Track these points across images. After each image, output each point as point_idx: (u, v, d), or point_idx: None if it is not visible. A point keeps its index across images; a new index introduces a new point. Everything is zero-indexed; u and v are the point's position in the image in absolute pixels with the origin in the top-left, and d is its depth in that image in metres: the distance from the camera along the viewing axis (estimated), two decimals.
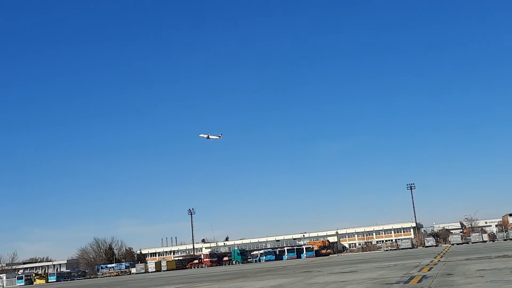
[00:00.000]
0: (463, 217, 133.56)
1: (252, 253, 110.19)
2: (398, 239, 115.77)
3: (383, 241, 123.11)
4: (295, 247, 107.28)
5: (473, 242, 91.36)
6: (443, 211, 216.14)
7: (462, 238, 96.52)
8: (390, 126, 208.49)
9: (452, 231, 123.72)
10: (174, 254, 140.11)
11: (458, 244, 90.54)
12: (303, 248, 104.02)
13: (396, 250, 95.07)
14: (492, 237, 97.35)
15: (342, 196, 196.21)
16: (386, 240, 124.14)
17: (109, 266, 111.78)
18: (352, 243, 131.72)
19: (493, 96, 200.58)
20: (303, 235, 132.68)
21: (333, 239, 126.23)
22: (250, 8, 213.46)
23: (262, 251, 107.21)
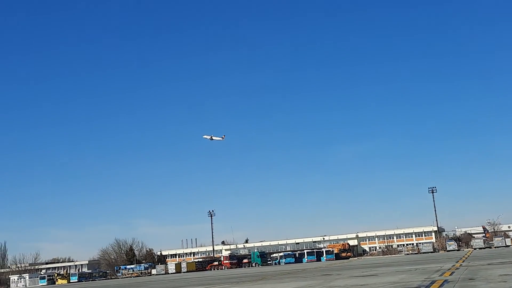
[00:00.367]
0: (486, 221, 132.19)
1: (271, 255, 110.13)
2: (419, 243, 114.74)
3: (404, 244, 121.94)
4: (315, 250, 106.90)
5: (495, 247, 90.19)
6: (465, 215, 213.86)
7: (484, 243, 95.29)
8: (411, 130, 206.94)
9: (474, 235, 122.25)
10: (194, 256, 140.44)
11: (480, 248, 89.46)
12: (323, 251, 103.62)
13: (417, 254, 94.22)
14: None
15: (363, 199, 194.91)
16: (407, 244, 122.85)
17: (128, 267, 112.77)
18: (373, 247, 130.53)
19: None
20: (323, 238, 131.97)
21: (353, 242, 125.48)
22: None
23: (281, 254, 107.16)
